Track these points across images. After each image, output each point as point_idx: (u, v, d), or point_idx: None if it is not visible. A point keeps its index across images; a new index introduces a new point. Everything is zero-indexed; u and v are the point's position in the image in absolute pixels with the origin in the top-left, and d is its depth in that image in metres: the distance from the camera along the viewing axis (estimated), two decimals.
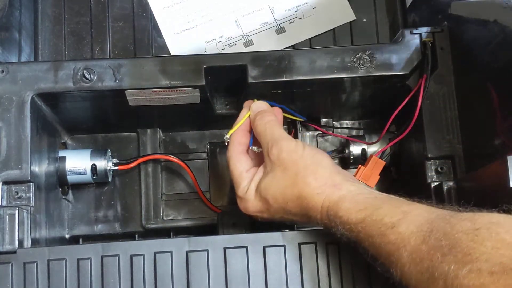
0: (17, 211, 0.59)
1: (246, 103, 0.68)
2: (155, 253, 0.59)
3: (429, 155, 0.67)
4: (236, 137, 0.66)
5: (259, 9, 0.87)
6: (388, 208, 0.51)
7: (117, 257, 0.59)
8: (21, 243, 0.60)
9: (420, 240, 0.45)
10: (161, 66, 0.65)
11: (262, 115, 0.65)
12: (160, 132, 0.81)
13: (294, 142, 0.61)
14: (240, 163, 0.64)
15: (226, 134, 0.66)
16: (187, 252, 0.59)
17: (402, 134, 0.68)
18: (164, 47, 0.85)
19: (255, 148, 0.66)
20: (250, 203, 0.62)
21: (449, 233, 0.43)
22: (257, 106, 0.66)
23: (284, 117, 0.71)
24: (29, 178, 0.62)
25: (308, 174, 0.58)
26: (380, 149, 0.74)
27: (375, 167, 0.68)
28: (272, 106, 0.67)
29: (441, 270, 0.42)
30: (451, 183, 0.64)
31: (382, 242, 0.49)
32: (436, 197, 0.66)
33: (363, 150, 0.78)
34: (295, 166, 0.59)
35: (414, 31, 0.68)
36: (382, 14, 0.86)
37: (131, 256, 0.59)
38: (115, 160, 0.77)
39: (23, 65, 0.66)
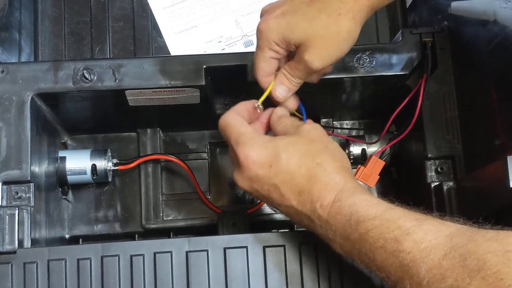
0: (17, 211, 0.59)
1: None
2: (155, 253, 0.59)
3: (429, 155, 0.67)
4: (237, 107, 0.61)
5: (259, 9, 0.87)
6: (400, 211, 0.48)
7: (117, 257, 0.59)
8: (21, 243, 0.60)
9: (441, 254, 0.42)
10: (161, 66, 0.65)
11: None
12: (160, 132, 0.81)
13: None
14: (240, 119, 0.58)
15: (257, 102, 0.61)
16: (187, 252, 0.59)
17: (402, 134, 0.68)
18: (164, 47, 0.85)
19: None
20: (256, 150, 0.54)
21: (475, 252, 0.40)
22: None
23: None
24: (29, 178, 0.62)
25: (332, 158, 0.54)
26: (380, 149, 0.74)
27: (374, 167, 0.68)
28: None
29: None
30: (451, 183, 0.64)
31: (396, 250, 0.45)
32: (436, 197, 0.66)
33: (363, 150, 0.78)
34: (323, 143, 0.55)
35: (414, 31, 0.68)
36: (382, 14, 0.86)
37: (131, 256, 0.59)
38: (115, 160, 0.77)
39: (23, 65, 0.66)
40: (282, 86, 0.59)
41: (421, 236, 0.44)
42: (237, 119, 0.58)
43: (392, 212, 0.48)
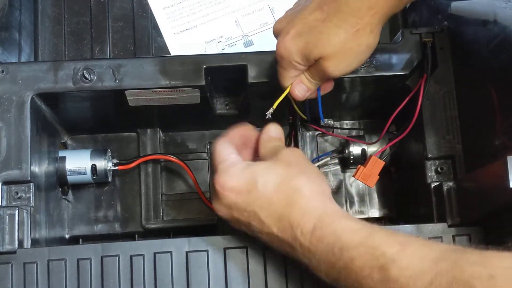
0: (17, 211, 0.59)
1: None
2: (155, 253, 0.59)
3: (429, 155, 0.66)
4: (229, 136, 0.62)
5: (259, 9, 0.87)
6: (383, 235, 0.48)
7: (117, 257, 0.59)
8: (21, 243, 0.60)
9: (427, 281, 0.42)
10: (161, 66, 0.65)
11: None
12: (160, 132, 0.81)
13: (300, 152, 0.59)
14: (227, 146, 0.59)
15: (271, 108, 0.62)
16: (187, 253, 0.59)
17: (402, 134, 0.68)
18: (164, 47, 0.85)
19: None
20: (234, 177, 0.54)
21: (461, 279, 0.41)
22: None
23: (286, 115, 0.70)
24: (29, 178, 0.62)
25: (310, 181, 0.54)
26: (380, 149, 0.74)
27: (374, 167, 0.68)
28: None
29: None
30: (451, 183, 0.64)
31: (382, 278, 0.45)
32: (436, 197, 0.66)
33: (363, 150, 0.78)
34: (300, 167, 0.55)
35: (414, 31, 0.68)
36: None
37: (131, 256, 0.59)
38: (115, 160, 0.77)
39: (23, 65, 0.66)
40: (302, 85, 0.60)
41: (406, 262, 0.44)
42: (224, 147, 0.59)
43: (375, 238, 0.47)
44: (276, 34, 0.60)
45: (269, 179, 0.54)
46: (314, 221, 0.51)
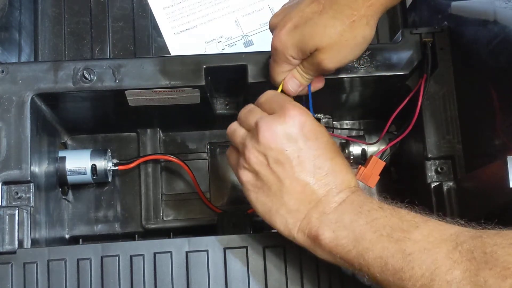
0: (17, 211, 0.59)
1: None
2: (155, 254, 0.59)
3: (429, 155, 0.67)
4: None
5: (259, 9, 0.87)
6: (405, 209, 0.50)
7: (117, 258, 0.59)
8: (21, 243, 0.60)
9: (447, 249, 0.43)
10: (161, 66, 0.65)
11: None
12: (160, 132, 0.81)
13: None
14: None
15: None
16: (187, 253, 0.59)
17: (402, 134, 0.68)
18: (164, 47, 0.85)
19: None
20: (310, 118, 0.54)
21: (482, 246, 0.42)
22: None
23: None
24: (29, 178, 0.62)
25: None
26: (380, 149, 0.74)
27: (375, 168, 0.67)
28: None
29: (477, 283, 0.40)
30: (451, 183, 0.64)
31: (403, 237, 0.46)
32: (436, 197, 0.66)
33: (363, 150, 0.78)
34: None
35: (414, 31, 0.68)
36: (382, 14, 0.86)
37: (131, 257, 0.59)
38: (115, 160, 0.77)
39: (23, 65, 0.66)
40: (295, 80, 0.60)
41: (428, 231, 0.45)
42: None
43: (400, 209, 0.49)
44: (272, 28, 0.60)
45: (333, 143, 0.55)
46: (355, 186, 0.53)
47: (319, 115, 0.71)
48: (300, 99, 0.67)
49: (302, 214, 0.52)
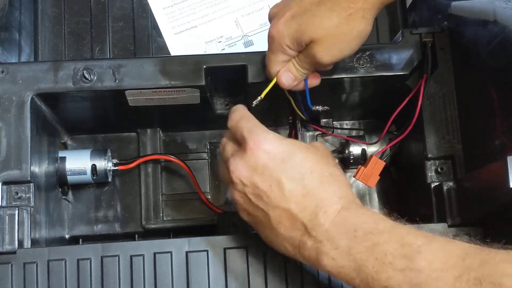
0: (17, 211, 0.59)
1: None
2: (155, 254, 0.59)
3: (429, 155, 0.67)
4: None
5: (259, 9, 0.87)
6: (406, 228, 0.47)
7: (117, 258, 0.59)
8: (21, 243, 0.60)
9: (454, 276, 0.41)
10: (161, 66, 0.65)
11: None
12: (160, 132, 0.81)
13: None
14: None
15: (259, 97, 0.62)
16: (187, 253, 0.59)
17: (402, 134, 0.68)
18: (164, 47, 0.85)
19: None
20: (272, 141, 0.52)
21: (490, 275, 0.40)
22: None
23: (287, 111, 0.70)
24: (29, 178, 0.62)
25: (342, 174, 0.53)
26: (380, 150, 0.74)
27: (375, 168, 0.67)
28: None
29: None
30: (451, 183, 0.64)
31: (406, 267, 0.43)
32: (436, 197, 0.66)
33: (363, 150, 0.78)
34: (334, 161, 0.55)
35: (414, 31, 0.68)
36: (382, 14, 0.86)
37: (131, 257, 0.59)
38: (115, 160, 0.77)
39: (23, 65, 0.66)
40: (289, 74, 0.60)
41: (432, 255, 0.43)
42: (250, 114, 0.57)
43: (401, 228, 0.47)
44: (271, 17, 0.60)
45: (308, 158, 0.52)
46: (342, 203, 0.50)
47: (317, 107, 0.71)
48: (298, 103, 0.67)
49: (296, 241, 0.51)
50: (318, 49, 0.56)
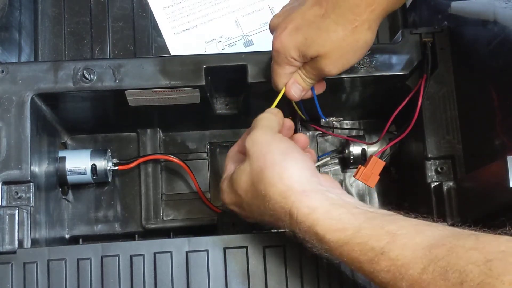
0: (17, 211, 0.59)
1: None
2: (155, 253, 0.59)
3: (429, 155, 0.67)
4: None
5: (259, 9, 0.87)
6: (370, 228, 0.46)
7: (117, 257, 0.59)
8: (21, 243, 0.60)
9: (420, 268, 0.41)
10: (161, 66, 0.65)
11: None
12: (160, 132, 0.81)
13: (270, 135, 0.55)
14: (231, 155, 0.62)
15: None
16: (187, 252, 0.59)
17: (402, 134, 0.68)
18: (164, 47, 0.85)
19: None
20: (226, 194, 0.58)
21: (456, 264, 0.40)
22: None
23: (287, 112, 0.70)
24: (29, 178, 0.62)
25: (274, 173, 0.52)
26: (380, 149, 0.74)
27: (375, 167, 0.68)
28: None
29: None
30: (451, 183, 0.64)
31: (374, 270, 0.45)
32: (436, 197, 0.66)
33: (363, 150, 0.78)
34: (262, 161, 0.53)
35: (414, 31, 0.68)
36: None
37: (131, 257, 0.59)
38: (115, 160, 0.77)
39: (23, 65, 0.66)
40: (297, 85, 0.60)
41: (397, 253, 0.44)
42: (227, 159, 0.62)
43: (362, 233, 0.46)
44: (273, 29, 0.60)
45: (243, 185, 0.55)
46: (294, 219, 0.50)
47: (331, 119, 0.71)
48: (297, 103, 0.67)
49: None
50: (326, 63, 0.56)
